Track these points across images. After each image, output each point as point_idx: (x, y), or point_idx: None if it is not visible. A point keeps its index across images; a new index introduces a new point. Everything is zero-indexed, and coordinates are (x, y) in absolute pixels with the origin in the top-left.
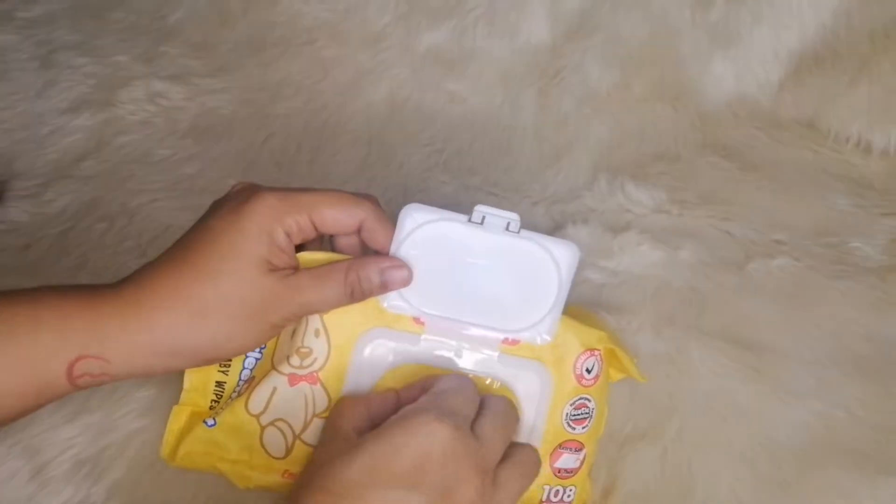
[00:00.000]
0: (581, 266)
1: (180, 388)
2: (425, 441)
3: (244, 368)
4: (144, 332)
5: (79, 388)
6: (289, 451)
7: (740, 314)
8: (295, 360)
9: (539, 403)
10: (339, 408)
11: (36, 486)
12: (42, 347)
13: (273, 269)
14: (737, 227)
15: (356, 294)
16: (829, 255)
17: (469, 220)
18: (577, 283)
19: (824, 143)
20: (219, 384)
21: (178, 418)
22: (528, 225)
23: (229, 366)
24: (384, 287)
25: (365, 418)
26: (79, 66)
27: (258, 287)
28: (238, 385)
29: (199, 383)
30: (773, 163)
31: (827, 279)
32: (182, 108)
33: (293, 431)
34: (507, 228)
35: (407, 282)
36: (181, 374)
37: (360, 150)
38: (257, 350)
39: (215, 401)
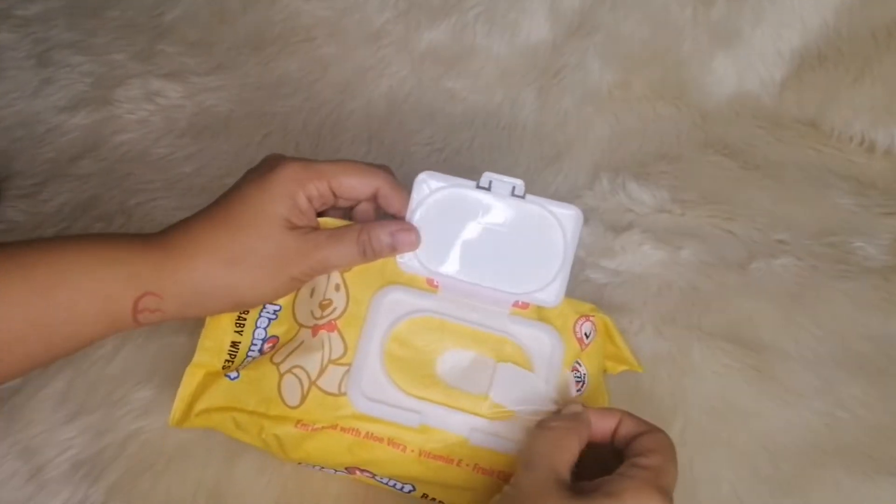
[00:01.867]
0: (582, 266)
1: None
2: None
3: (257, 328)
4: (188, 274)
5: (138, 324)
6: (304, 397)
7: (742, 314)
8: (317, 311)
9: (550, 364)
10: (549, 438)
11: (34, 487)
12: (116, 282)
13: (293, 227)
14: (739, 227)
15: (367, 253)
16: (832, 255)
17: (477, 186)
18: (578, 282)
19: (827, 143)
20: (233, 344)
21: (192, 380)
22: None
23: (244, 325)
24: (393, 248)
25: (576, 453)
26: (76, 64)
27: (280, 242)
28: (252, 343)
29: (215, 342)
30: (775, 162)
31: (829, 279)
32: (180, 107)
33: (309, 377)
34: (512, 193)
35: (415, 245)
36: (181, 374)
37: (359, 149)
38: (272, 311)
39: (229, 361)
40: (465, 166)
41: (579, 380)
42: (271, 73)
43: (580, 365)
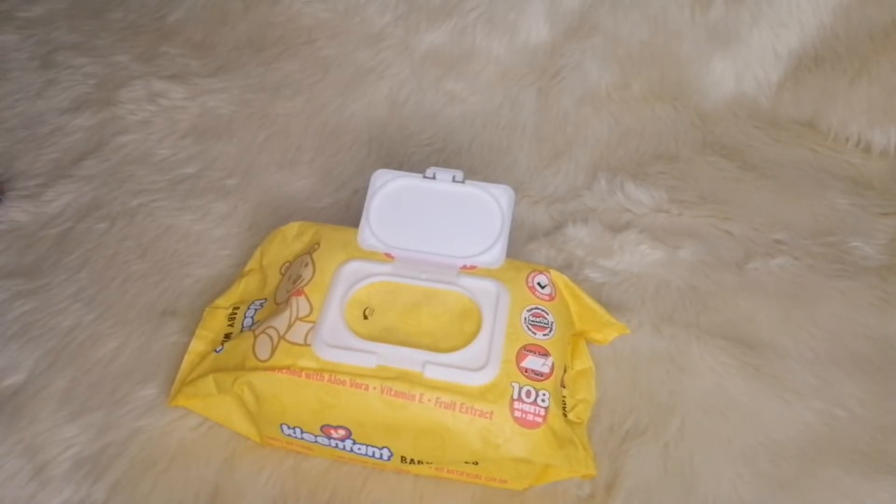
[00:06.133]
0: (581, 265)
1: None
2: None
3: (246, 318)
4: None
5: None
6: (273, 350)
7: (740, 313)
8: (290, 287)
9: (498, 306)
10: None
11: (37, 486)
12: None
13: None
14: (736, 227)
15: None
16: (829, 255)
17: (424, 177)
18: (578, 281)
19: (824, 143)
20: (227, 335)
21: (189, 363)
22: (529, 225)
23: (234, 318)
24: None
25: None
26: (79, 65)
27: None
28: (241, 331)
29: (211, 332)
30: (772, 162)
31: (826, 278)
32: (182, 108)
33: (279, 333)
34: (453, 180)
35: None
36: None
37: (360, 150)
38: (258, 304)
39: (220, 348)
40: (465, 167)
41: (546, 325)
42: (273, 74)
43: (546, 313)
